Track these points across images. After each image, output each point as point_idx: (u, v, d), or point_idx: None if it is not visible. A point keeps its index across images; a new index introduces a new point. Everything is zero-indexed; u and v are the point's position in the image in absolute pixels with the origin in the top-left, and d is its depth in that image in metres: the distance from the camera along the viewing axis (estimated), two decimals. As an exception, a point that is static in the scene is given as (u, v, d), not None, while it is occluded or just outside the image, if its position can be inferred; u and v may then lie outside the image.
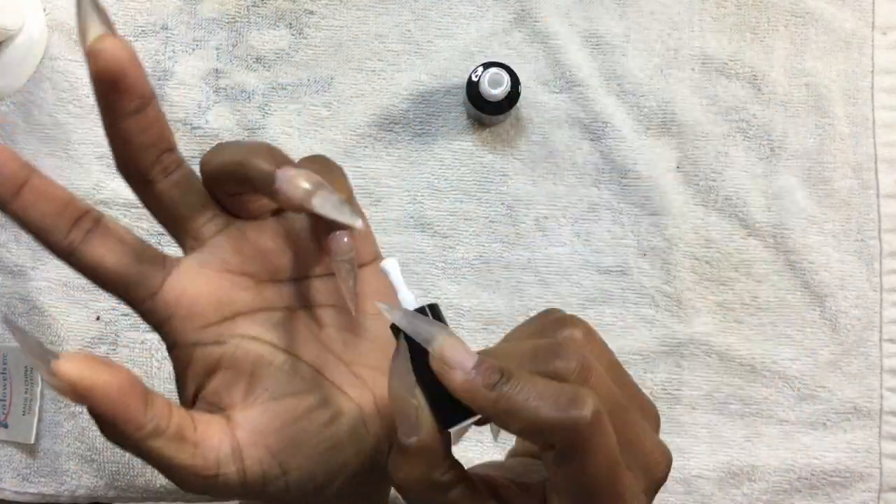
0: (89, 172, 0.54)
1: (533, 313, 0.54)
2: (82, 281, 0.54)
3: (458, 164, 0.54)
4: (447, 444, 0.27)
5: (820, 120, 0.54)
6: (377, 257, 0.34)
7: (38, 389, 0.53)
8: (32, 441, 0.53)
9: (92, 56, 0.25)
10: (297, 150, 0.54)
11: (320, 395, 0.31)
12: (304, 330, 0.32)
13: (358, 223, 0.28)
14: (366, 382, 0.32)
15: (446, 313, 0.53)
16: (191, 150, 0.54)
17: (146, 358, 0.53)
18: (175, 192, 0.29)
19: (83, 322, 0.54)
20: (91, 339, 0.54)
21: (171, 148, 0.29)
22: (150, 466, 0.56)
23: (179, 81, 0.54)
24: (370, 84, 0.54)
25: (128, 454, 0.53)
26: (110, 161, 0.54)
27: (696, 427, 0.53)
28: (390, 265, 0.29)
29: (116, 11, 0.54)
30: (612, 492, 0.25)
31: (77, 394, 0.25)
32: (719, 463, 0.53)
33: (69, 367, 0.25)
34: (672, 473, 0.54)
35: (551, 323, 0.28)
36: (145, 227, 0.54)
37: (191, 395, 0.31)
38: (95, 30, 0.25)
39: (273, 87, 0.54)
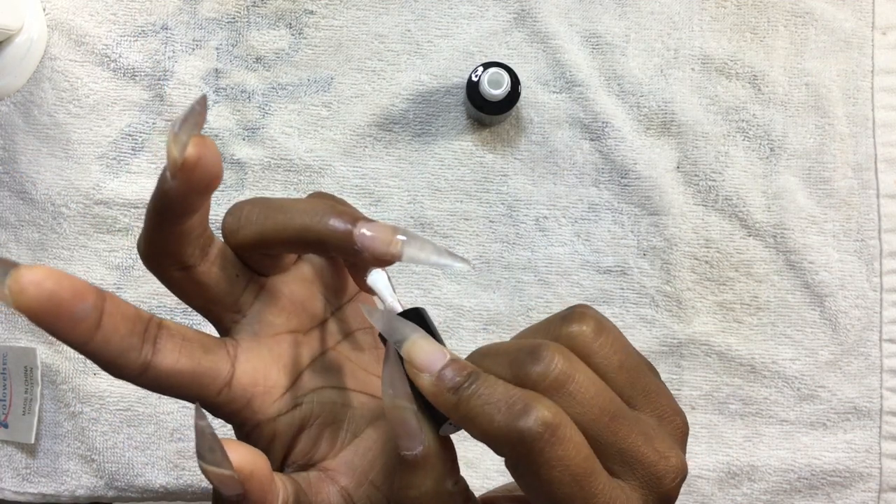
0: (89, 172, 0.54)
1: (533, 313, 0.54)
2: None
3: (458, 164, 0.54)
4: (453, 449, 0.26)
5: (820, 120, 0.54)
6: None
7: (38, 389, 0.53)
8: (32, 441, 0.53)
9: (186, 166, 0.23)
10: (297, 150, 0.54)
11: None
12: (348, 361, 0.32)
13: (465, 265, 0.27)
14: None
15: (446, 314, 0.53)
16: (191, 150, 0.54)
17: (146, 358, 0.53)
18: (215, 270, 0.28)
19: (83, 322, 0.54)
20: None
21: (207, 226, 0.27)
22: (149, 466, 0.56)
23: (179, 81, 0.54)
24: (370, 84, 0.54)
25: (127, 454, 0.53)
26: (110, 161, 0.54)
27: (695, 427, 0.53)
28: (377, 277, 0.28)
29: (116, 11, 0.54)
30: None
31: (239, 482, 0.24)
32: (719, 463, 0.53)
33: (236, 457, 0.24)
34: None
35: (560, 318, 0.26)
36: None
37: (279, 463, 0.30)
38: (189, 131, 0.23)
39: (273, 87, 0.54)
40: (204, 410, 0.25)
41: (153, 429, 0.53)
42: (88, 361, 0.53)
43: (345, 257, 0.28)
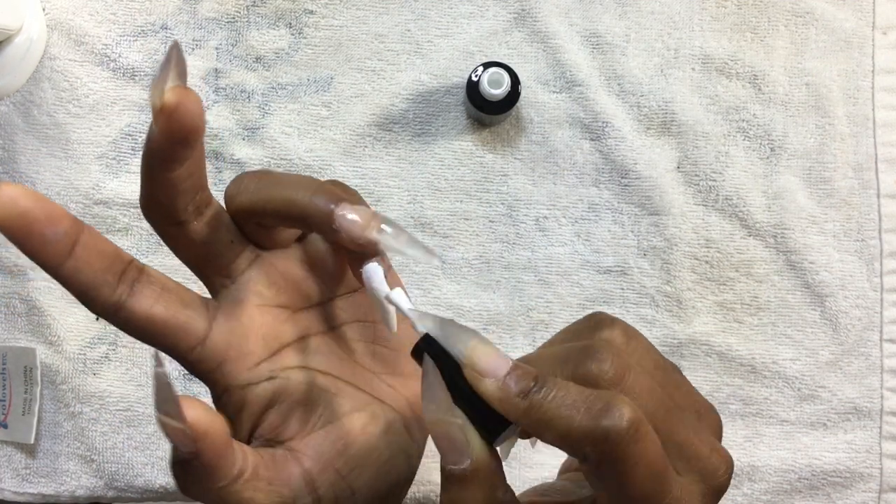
0: (89, 172, 0.54)
1: (533, 313, 0.54)
2: (82, 281, 0.54)
3: (458, 164, 0.54)
4: (499, 458, 0.26)
5: (820, 120, 0.54)
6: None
7: (38, 390, 0.53)
8: (32, 441, 0.53)
9: (165, 111, 0.24)
10: (296, 150, 0.54)
11: (368, 410, 0.31)
12: (338, 349, 0.32)
13: (435, 259, 0.27)
14: (398, 390, 0.32)
15: (446, 314, 0.53)
16: (190, 150, 0.54)
17: (145, 358, 0.53)
18: (207, 230, 0.28)
19: (83, 322, 0.54)
20: (91, 339, 0.54)
21: (204, 186, 0.28)
22: (149, 466, 0.56)
23: (179, 81, 0.54)
24: (370, 84, 0.54)
25: (127, 454, 0.53)
26: (110, 161, 0.54)
27: (696, 427, 0.53)
28: (372, 270, 0.28)
29: (116, 11, 0.54)
30: (660, 502, 0.23)
31: (192, 439, 0.24)
32: (719, 463, 0.53)
33: (193, 412, 0.24)
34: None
35: (588, 326, 0.26)
36: (145, 226, 0.54)
37: (246, 434, 0.30)
38: (171, 81, 0.24)
39: (273, 87, 0.54)
40: (164, 359, 0.25)
41: (153, 429, 0.53)
42: (88, 361, 0.53)
43: (325, 237, 0.28)
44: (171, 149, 0.25)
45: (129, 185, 0.54)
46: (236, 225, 0.29)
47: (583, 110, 0.54)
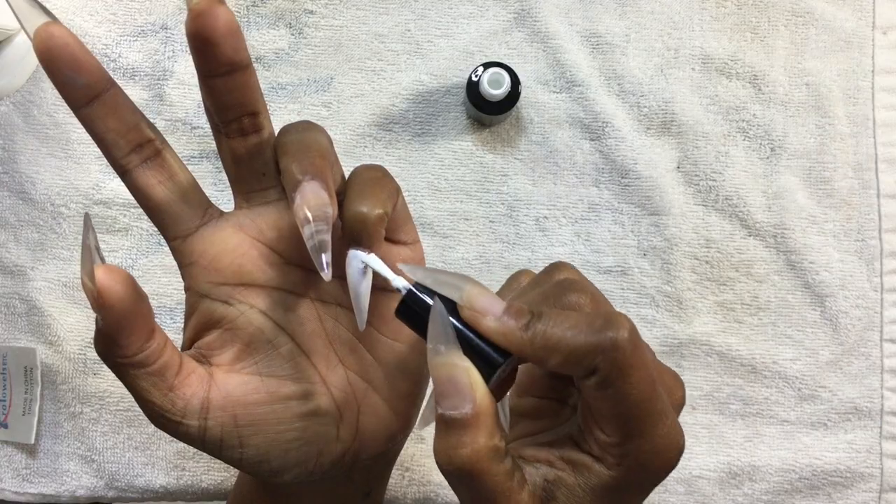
0: (89, 172, 0.54)
1: (533, 314, 0.54)
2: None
3: (458, 164, 0.54)
4: (496, 406, 0.26)
5: (820, 120, 0.54)
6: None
7: (38, 390, 0.53)
8: (32, 441, 0.53)
9: (191, 14, 0.26)
10: (296, 150, 0.54)
11: (306, 387, 0.31)
12: (316, 322, 0.32)
13: (323, 274, 0.27)
14: (356, 393, 0.32)
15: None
16: (190, 150, 0.54)
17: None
18: (243, 153, 0.30)
19: (83, 322, 0.54)
20: (90, 339, 0.54)
21: (255, 113, 0.29)
22: (149, 466, 0.56)
23: (179, 81, 0.54)
24: (370, 84, 0.54)
25: (127, 454, 0.53)
26: (110, 161, 0.54)
27: (696, 427, 0.53)
28: (372, 260, 0.28)
29: (116, 11, 0.54)
30: (653, 408, 0.25)
31: (99, 304, 0.26)
32: (720, 463, 0.53)
33: (106, 278, 0.25)
34: (673, 473, 0.54)
35: (542, 274, 0.29)
36: (145, 226, 0.54)
37: (189, 339, 0.31)
38: None
39: (273, 87, 0.54)
40: (93, 226, 0.27)
41: (153, 429, 0.53)
42: (88, 362, 0.53)
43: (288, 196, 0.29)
44: (196, 51, 0.27)
45: (129, 186, 0.54)
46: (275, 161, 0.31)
47: (583, 110, 0.54)
